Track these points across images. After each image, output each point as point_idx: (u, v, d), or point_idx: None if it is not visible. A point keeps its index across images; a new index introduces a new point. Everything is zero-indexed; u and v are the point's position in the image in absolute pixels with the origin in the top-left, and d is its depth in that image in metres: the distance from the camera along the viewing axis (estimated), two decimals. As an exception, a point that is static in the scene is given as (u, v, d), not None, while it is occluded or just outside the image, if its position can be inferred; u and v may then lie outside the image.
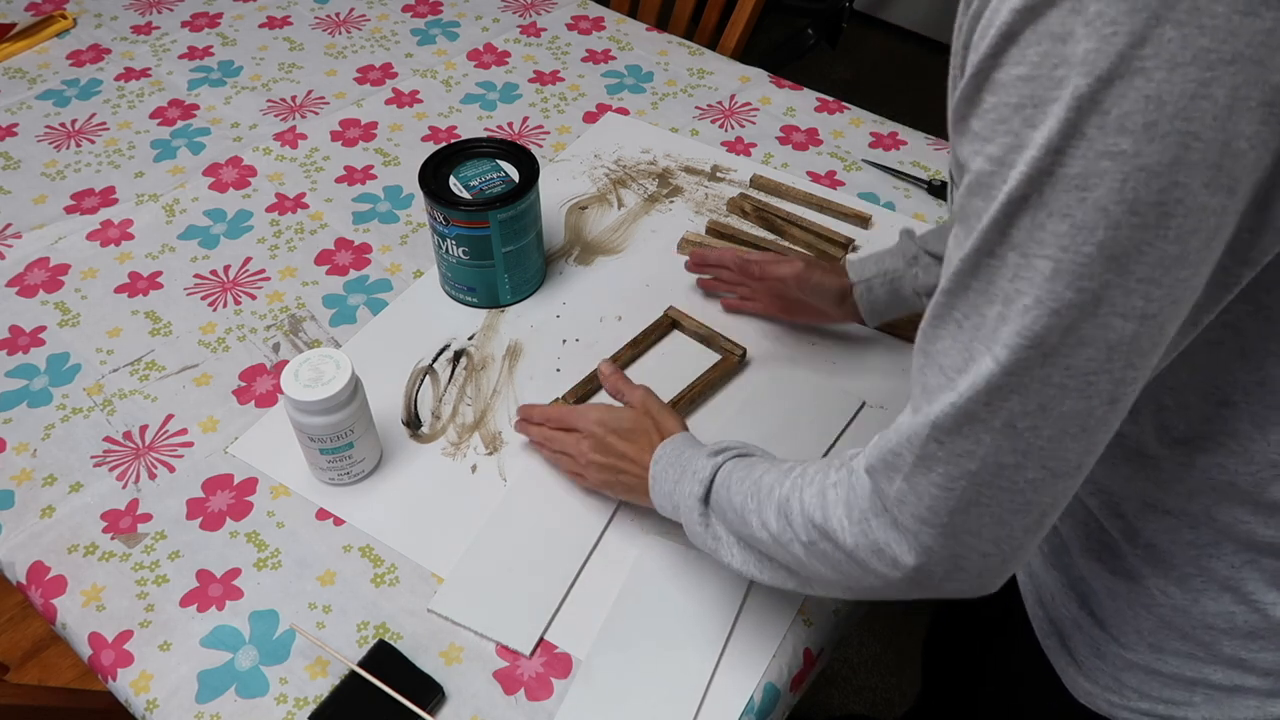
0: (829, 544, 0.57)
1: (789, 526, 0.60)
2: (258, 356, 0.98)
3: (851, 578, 0.57)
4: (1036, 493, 0.48)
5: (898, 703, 1.55)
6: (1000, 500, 0.48)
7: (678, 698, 0.75)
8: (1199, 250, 0.41)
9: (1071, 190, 0.40)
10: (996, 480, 0.48)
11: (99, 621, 0.79)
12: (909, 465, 0.50)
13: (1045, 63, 0.40)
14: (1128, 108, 0.39)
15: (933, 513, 0.50)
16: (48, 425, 0.93)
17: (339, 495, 0.87)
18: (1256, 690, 0.59)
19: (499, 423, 0.92)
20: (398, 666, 0.76)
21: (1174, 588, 0.59)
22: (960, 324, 0.46)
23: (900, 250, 0.89)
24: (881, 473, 0.52)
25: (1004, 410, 0.45)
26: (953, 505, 0.49)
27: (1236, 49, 0.38)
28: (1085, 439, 0.46)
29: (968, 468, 0.48)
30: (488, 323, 1.01)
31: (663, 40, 1.38)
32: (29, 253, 1.09)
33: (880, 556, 0.54)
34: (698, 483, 0.69)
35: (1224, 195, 0.40)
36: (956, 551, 0.51)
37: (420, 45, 1.37)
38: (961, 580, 0.52)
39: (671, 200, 1.14)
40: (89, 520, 0.86)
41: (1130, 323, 0.42)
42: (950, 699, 1.17)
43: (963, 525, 0.50)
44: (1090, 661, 0.66)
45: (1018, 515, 0.49)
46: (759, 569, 0.66)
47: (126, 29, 1.39)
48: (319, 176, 1.17)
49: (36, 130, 1.24)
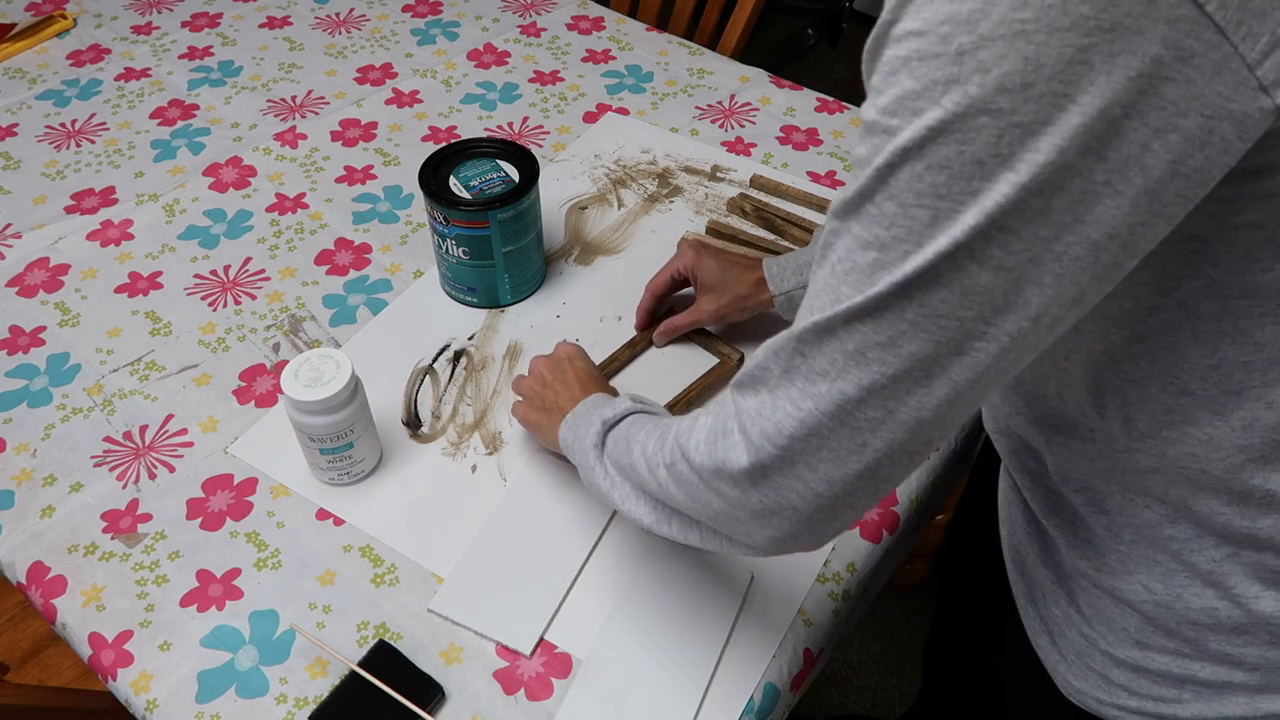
0: (685, 464, 0.58)
1: (660, 449, 0.61)
2: (258, 356, 0.98)
3: (699, 501, 0.58)
4: (874, 434, 0.49)
5: (898, 703, 1.55)
6: (840, 435, 0.49)
7: (678, 698, 0.75)
8: (1063, 213, 0.42)
9: (952, 144, 0.42)
10: (839, 413, 0.49)
11: (99, 621, 0.79)
12: (774, 378, 0.51)
13: (935, 19, 0.41)
14: (1008, 68, 0.40)
15: (778, 429, 0.51)
16: (48, 425, 0.93)
17: (339, 495, 0.87)
18: (1245, 686, 0.59)
19: (499, 423, 0.92)
20: (398, 666, 0.76)
21: (1158, 584, 0.59)
22: (834, 267, 0.47)
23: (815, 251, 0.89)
24: (747, 387, 0.53)
25: (858, 334, 0.47)
26: (794, 427, 0.50)
27: (1115, 18, 0.38)
28: (928, 387, 0.47)
29: (819, 389, 0.49)
30: (488, 323, 1.01)
31: (663, 40, 1.38)
32: (29, 253, 1.09)
33: (721, 473, 0.54)
34: (611, 410, 0.71)
35: (1095, 160, 0.41)
36: (789, 482, 0.52)
37: (420, 45, 1.37)
38: (791, 520, 0.53)
39: (671, 200, 1.14)
40: (89, 520, 0.86)
41: (986, 271, 0.43)
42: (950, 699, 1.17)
43: (801, 451, 0.50)
44: (1079, 660, 0.66)
45: (853, 456, 0.50)
46: (623, 498, 0.67)
47: (126, 29, 1.39)
48: (319, 176, 1.17)
49: (36, 130, 1.24)
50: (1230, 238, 0.46)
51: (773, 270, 0.92)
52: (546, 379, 0.83)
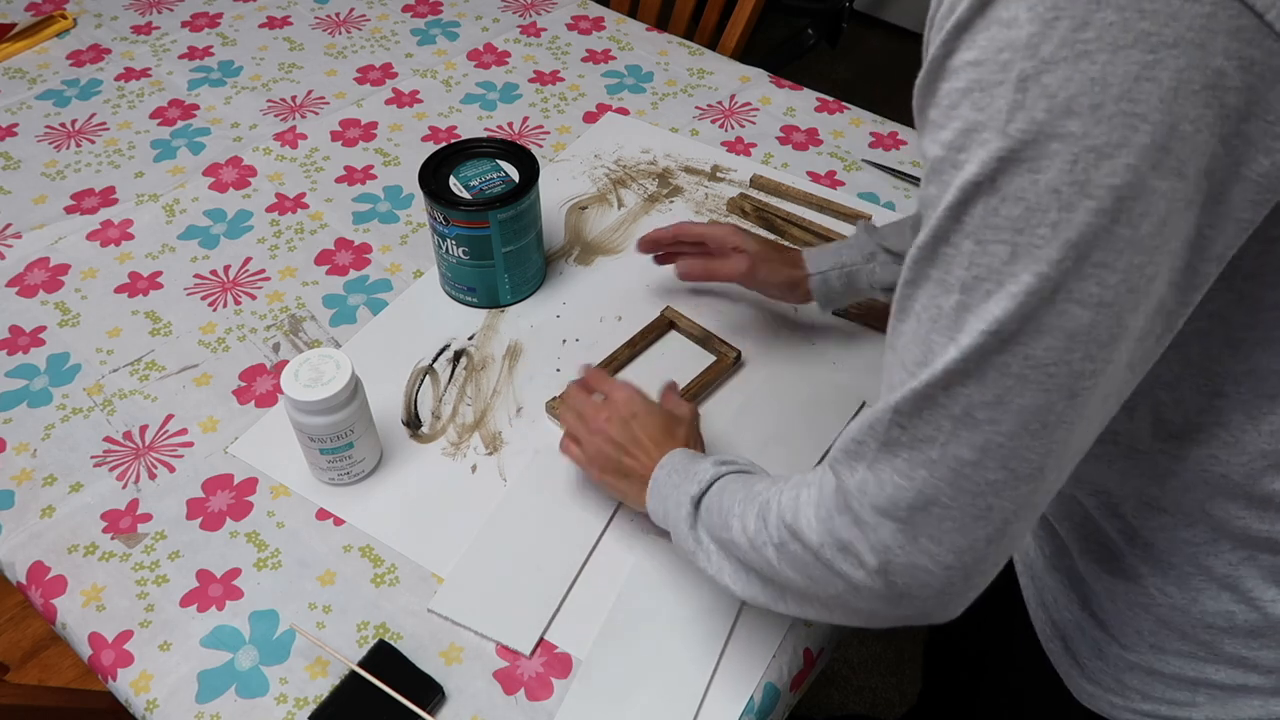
0: (797, 544, 0.55)
1: (764, 528, 0.58)
2: (258, 356, 0.98)
3: (818, 582, 0.55)
4: (998, 496, 0.47)
5: (898, 703, 1.55)
6: (960, 502, 0.47)
7: (678, 698, 0.75)
8: (1152, 236, 0.41)
9: (1024, 174, 0.41)
10: (957, 479, 0.47)
11: (99, 621, 0.79)
12: (872, 452, 0.49)
13: (992, 47, 0.41)
14: (1074, 90, 0.39)
15: (893, 504, 0.49)
16: (48, 425, 0.93)
17: (339, 495, 0.87)
18: (1260, 689, 0.59)
19: (499, 423, 0.92)
20: (398, 666, 0.76)
21: (1173, 587, 0.59)
22: (919, 316, 0.46)
23: (858, 245, 0.89)
24: (844, 463, 0.52)
25: (962, 397, 0.45)
26: (912, 499, 0.48)
27: (1178, 33, 0.38)
28: (1045, 437, 0.45)
29: (929, 455, 0.47)
30: (488, 323, 1.01)
31: (663, 40, 1.38)
32: (29, 253, 1.09)
33: (844, 555, 0.52)
34: (696, 484, 0.68)
35: (1173, 178, 0.40)
36: (916, 558, 0.49)
37: (420, 45, 1.37)
38: (924, 596, 0.50)
39: (671, 200, 1.14)
40: (89, 520, 0.86)
41: (1087, 310, 0.42)
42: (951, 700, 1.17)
43: (923, 525, 0.48)
44: (1093, 663, 0.65)
45: (979, 522, 0.47)
46: (733, 578, 0.64)
47: (126, 29, 1.39)
48: (319, 176, 1.17)
49: (36, 130, 1.24)
50: (1265, 249, 0.46)
51: (810, 253, 0.91)
52: (615, 439, 0.78)
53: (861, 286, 0.89)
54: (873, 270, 0.88)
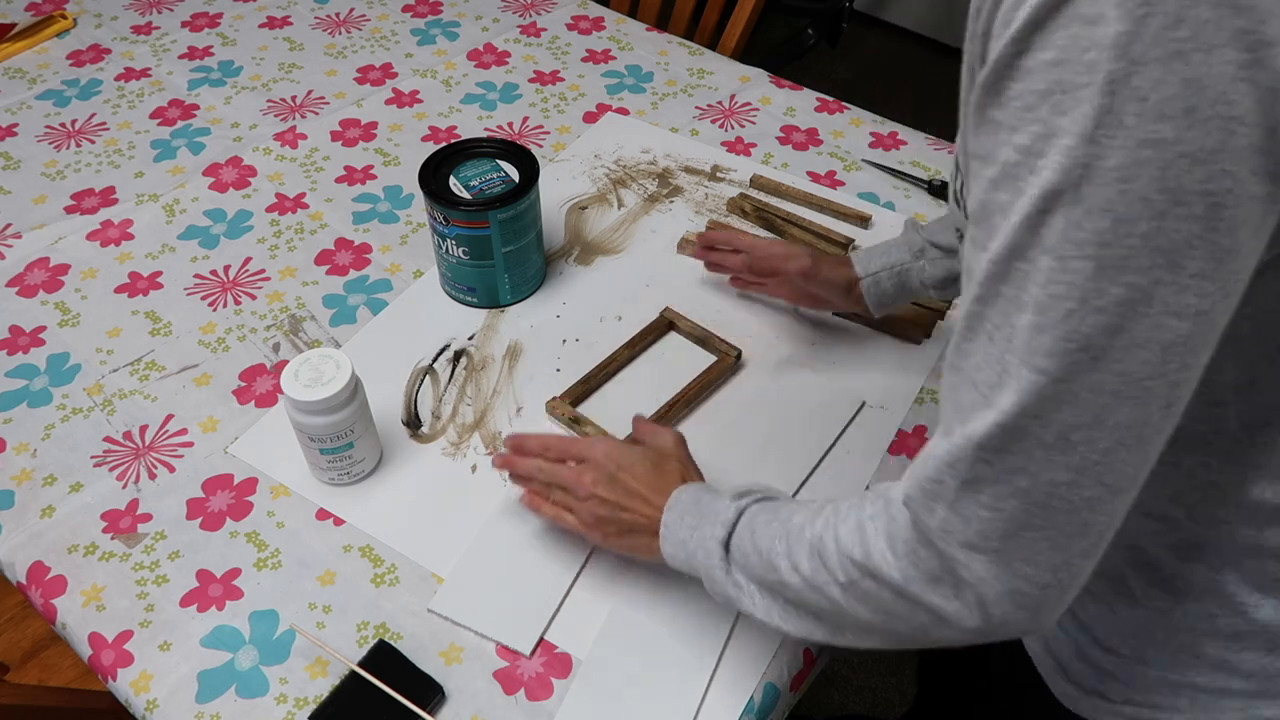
0: (872, 582, 0.53)
1: (823, 567, 0.55)
2: (258, 356, 0.98)
3: (898, 618, 0.53)
4: (1094, 512, 0.45)
5: (898, 703, 1.55)
6: (1056, 522, 0.45)
7: (678, 698, 0.75)
8: (1249, 241, 0.40)
9: (1111, 183, 0.38)
10: (1050, 500, 0.45)
11: (99, 621, 0.79)
12: (953, 491, 0.47)
13: (1074, 46, 0.38)
14: (1167, 93, 0.37)
15: (983, 538, 0.46)
16: (48, 425, 0.92)
17: (339, 495, 0.87)
18: (1241, 692, 0.59)
19: (499, 423, 0.92)
20: (398, 666, 0.76)
21: (1156, 590, 0.58)
22: (991, 336, 0.44)
23: (906, 243, 0.88)
24: (921, 503, 0.49)
25: (1056, 422, 0.43)
26: (1003, 528, 0.46)
27: (1276, 31, 0.36)
28: (1141, 449, 0.44)
29: (1019, 485, 0.45)
30: (488, 323, 1.01)
31: (663, 40, 1.38)
32: (29, 253, 1.09)
33: (935, 588, 0.50)
34: (720, 525, 0.64)
35: (1269, 182, 0.39)
36: (1012, 584, 0.47)
37: (420, 45, 1.37)
38: (1020, 617, 0.48)
39: (671, 200, 1.14)
40: (89, 520, 0.86)
41: (1185, 321, 0.40)
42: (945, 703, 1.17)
43: (1016, 551, 0.46)
44: (1075, 666, 0.65)
45: (1075, 539, 0.46)
46: (784, 618, 0.61)
47: (126, 29, 1.39)
48: (319, 176, 1.17)
49: (36, 130, 1.24)
50: None
51: (858, 257, 0.90)
52: (608, 499, 0.73)
53: (913, 286, 0.87)
54: (923, 268, 0.86)
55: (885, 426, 0.92)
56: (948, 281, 0.86)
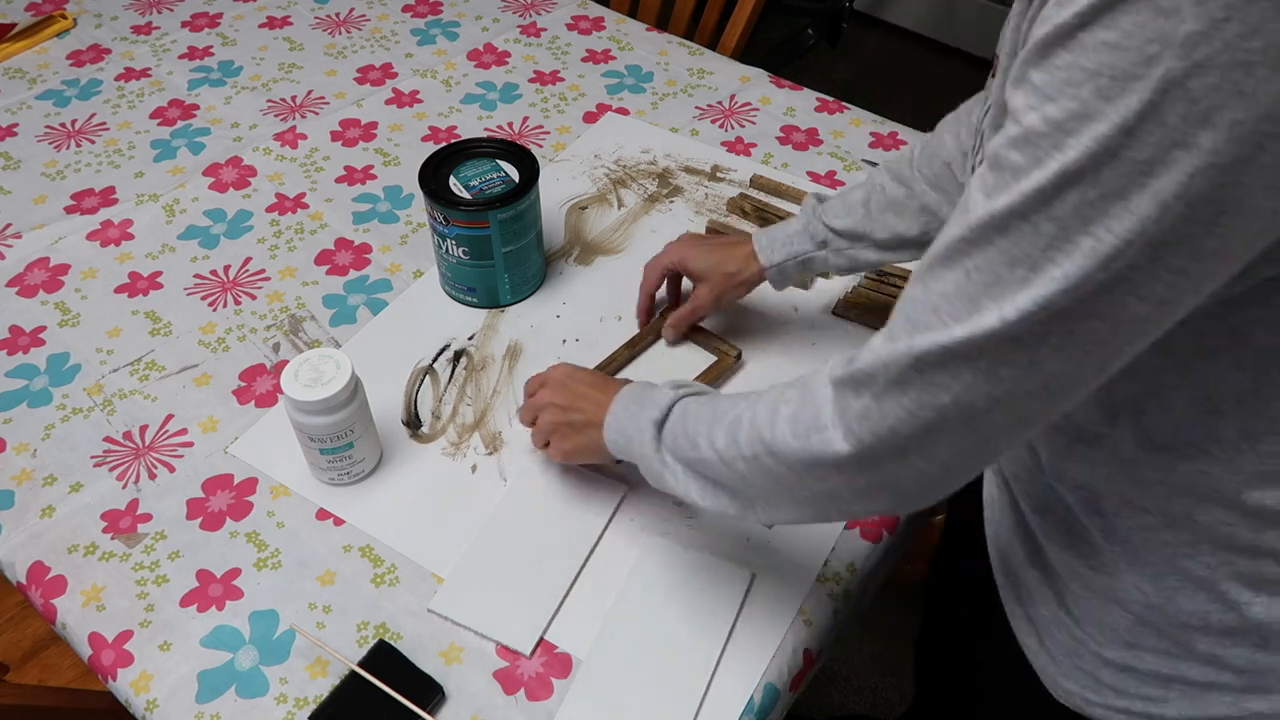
0: (771, 459, 0.57)
1: (734, 444, 0.60)
2: (258, 356, 0.98)
3: (791, 487, 0.58)
4: (998, 435, 0.49)
5: (898, 703, 1.55)
6: (962, 435, 0.49)
7: (678, 698, 0.75)
8: (1239, 249, 0.41)
9: (1134, 175, 0.39)
10: (963, 418, 0.47)
11: (99, 621, 0.79)
12: (880, 386, 0.50)
13: (1139, 34, 0.37)
14: (1219, 102, 0.36)
15: (892, 433, 0.50)
16: (48, 425, 0.93)
17: (339, 495, 0.87)
18: (1231, 686, 0.59)
19: (499, 423, 0.92)
20: (398, 666, 0.76)
21: (1150, 585, 0.59)
22: (970, 275, 0.45)
23: (809, 233, 0.88)
24: (849, 386, 0.52)
25: (989, 356, 0.45)
26: (913, 430, 0.49)
27: None
28: (1063, 397, 0.47)
29: (939, 400, 0.47)
30: (488, 323, 1.01)
31: (663, 40, 1.38)
32: (29, 253, 1.09)
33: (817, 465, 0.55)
34: (656, 409, 0.69)
35: (1277, 199, 0.39)
36: (901, 470, 0.52)
37: (420, 45, 1.37)
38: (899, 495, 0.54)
39: (671, 200, 1.14)
40: (89, 520, 0.86)
41: (1147, 305, 0.42)
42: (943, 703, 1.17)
43: (917, 448, 0.50)
44: (1068, 660, 0.66)
45: (973, 453, 0.50)
46: (701, 494, 0.65)
47: (126, 29, 1.39)
48: (319, 176, 1.17)
49: (36, 130, 1.24)
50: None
51: (762, 243, 0.90)
52: (560, 404, 0.80)
53: (817, 270, 0.90)
54: (825, 258, 0.88)
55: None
56: (853, 269, 0.89)
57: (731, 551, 0.83)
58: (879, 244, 0.85)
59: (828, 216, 0.87)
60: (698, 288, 0.94)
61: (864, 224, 0.85)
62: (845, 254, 0.86)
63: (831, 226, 0.86)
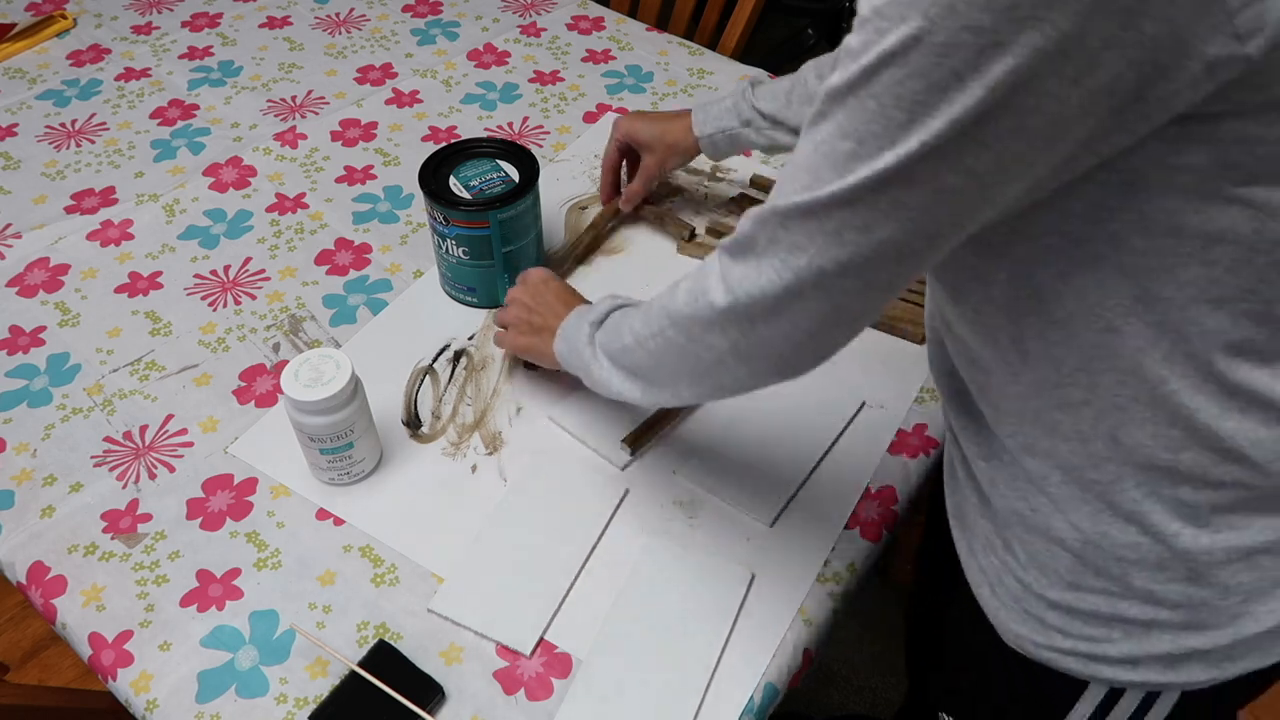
0: (672, 328, 0.64)
1: (647, 324, 0.67)
2: (258, 356, 0.98)
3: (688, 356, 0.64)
4: (849, 299, 0.55)
5: (898, 703, 1.54)
6: (818, 299, 0.55)
7: (678, 698, 0.75)
8: (1041, 129, 0.45)
9: (932, 54, 0.44)
10: (820, 281, 0.54)
11: (99, 621, 0.79)
12: (758, 248, 0.56)
13: None
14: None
15: (762, 292, 0.56)
16: (48, 425, 0.93)
17: (339, 495, 0.87)
18: (1170, 624, 0.62)
19: (499, 423, 0.93)
20: (398, 666, 0.76)
21: (1086, 523, 0.61)
22: (819, 148, 0.51)
23: (736, 110, 0.98)
24: (735, 254, 0.58)
25: (835, 218, 0.51)
26: (779, 291, 0.56)
27: None
28: (901, 264, 0.53)
29: (799, 262, 0.54)
30: (488, 323, 1.01)
31: (663, 40, 1.38)
32: (29, 253, 1.09)
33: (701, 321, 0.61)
34: (594, 314, 0.76)
35: (1068, 85, 0.43)
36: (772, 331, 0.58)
37: (420, 45, 1.37)
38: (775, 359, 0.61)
39: (672, 200, 1.14)
40: (89, 520, 0.86)
41: (958, 176, 0.47)
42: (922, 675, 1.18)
43: (784, 309, 0.56)
44: (1016, 605, 0.68)
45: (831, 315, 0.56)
46: (621, 384, 0.72)
47: (126, 29, 1.39)
48: (319, 176, 1.17)
49: (36, 130, 1.24)
50: (1166, 177, 0.48)
51: (698, 116, 1.00)
52: (529, 304, 0.88)
53: (743, 145, 1.00)
54: (749, 135, 0.98)
55: (885, 426, 0.92)
56: (772, 149, 0.99)
57: (731, 551, 0.83)
58: (792, 130, 0.95)
59: (755, 99, 0.97)
60: (645, 158, 1.05)
61: (784, 111, 0.95)
62: (765, 134, 0.97)
63: (757, 108, 0.97)
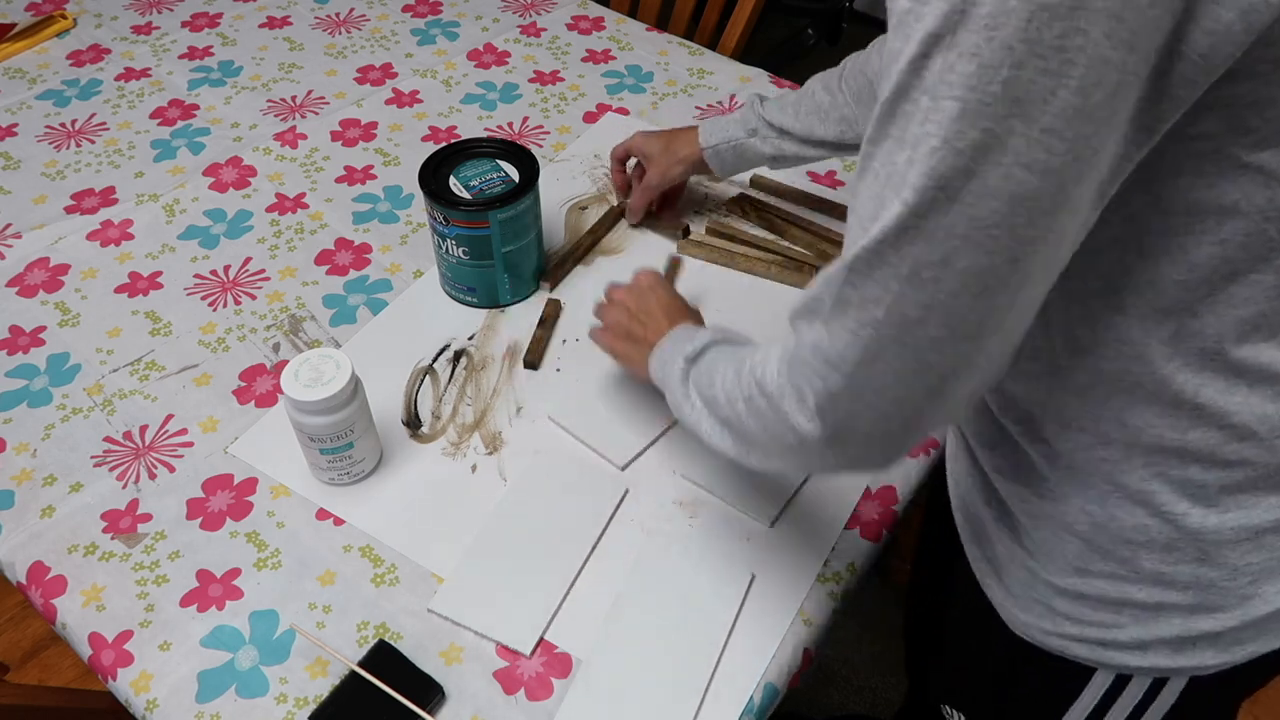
0: (762, 398, 0.59)
1: (738, 384, 0.62)
2: (258, 356, 0.98)
3: (771, 431, 0.59)
4: (936, 352, 0.49)
5: (898, 703, 1.55)
6: (903, 356, 0.49)
7: (678, 698, 0.75)
8: (1101, 106, 0.42)
9: (981, 29, 0.41)
10: (900, 334, 0.49)
11: (99, 621, 0.79)
12: (827, 309, 0.51)
13: None
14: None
15: (841, 359, 0.51)
16: (48, 425, 0.93)
17: (339, 495, 0.87)
18: (1179, 606, 0.61)
19: (499, 423, 0.93)
20: (398, 666, 0.76)
21: (1093, 506, 0.61)
22: (877, 174, 0.47)
23: (743, 120, 1.00)
24: (803, 318, 0.54)
25: (910, 256, 0.46)
26: (858, 355, 0.50)
27: None
28: (986, 299, 0.47)
29: (875, 315, 0.49)
30: (488, 323, 1.01)
31: (663, 40, 1.38)
32: (29, 253, 1.09)
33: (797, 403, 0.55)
34: (691, 345, 0.72)
35: (1124, 50, 0.41)
36: (858, 409, 0.52)
37: (420, 45, 1.37)
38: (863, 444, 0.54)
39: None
40: (89, 520, 0.86)
41: (1033, 175, 0.43)
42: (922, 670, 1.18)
43: (866, 378, 0.51)
44: (1024, 593, 0.67)
45: (918, 376, 0.50)
46: (710, 431, 0.67)
47: (126, 29, 1.39)
48: (319, 176, 1.17)
49: (36, 130, 1.24)
50: (1182, 149, 0.47)
51: (704, 128, 1.02)
52: (631, 309, 0.85)
53: (750, 157, 1.01)
54: (755, 145, 0.99)
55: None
56: (778, 160, 1.00)
57: (731, 551, 0.83)
58: (800, 140, 0.97)
59: (763, 110, 0.99)
60: (648, 170, 1.06)
61: (791, 122, 0.97)
62: (771, 143, 0.98)
63: (764, 118, 0.98)
